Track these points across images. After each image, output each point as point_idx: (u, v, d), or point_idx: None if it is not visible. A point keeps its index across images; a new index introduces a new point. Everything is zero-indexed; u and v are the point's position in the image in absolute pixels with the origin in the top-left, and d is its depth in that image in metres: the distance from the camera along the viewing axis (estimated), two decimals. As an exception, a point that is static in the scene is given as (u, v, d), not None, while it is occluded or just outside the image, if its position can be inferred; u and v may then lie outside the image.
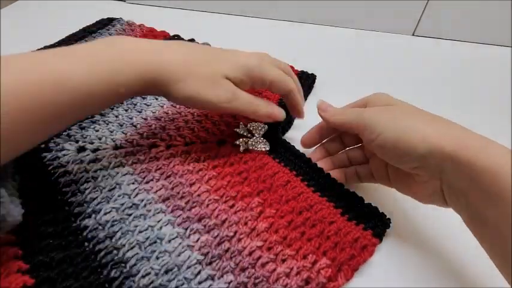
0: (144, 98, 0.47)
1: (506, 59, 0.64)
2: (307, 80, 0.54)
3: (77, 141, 0.39)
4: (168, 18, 0.72)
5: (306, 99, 0.54)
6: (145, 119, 0.44)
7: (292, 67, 0.55)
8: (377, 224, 0.35)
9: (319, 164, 0.40)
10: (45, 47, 0.58)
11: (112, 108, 0.45)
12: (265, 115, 0.38)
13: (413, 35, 0.69)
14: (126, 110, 0.45)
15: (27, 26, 0.69)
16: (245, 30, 0.70)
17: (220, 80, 0.33)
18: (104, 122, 0.43)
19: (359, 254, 0.33)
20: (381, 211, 0.36)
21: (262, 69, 0.36)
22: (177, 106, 0.46)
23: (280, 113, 0.39)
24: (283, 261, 0.32)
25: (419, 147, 0.29)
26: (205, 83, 0.32)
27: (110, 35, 0.61)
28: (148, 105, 0.46)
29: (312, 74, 0.55)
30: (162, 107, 0.46)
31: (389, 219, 0.36)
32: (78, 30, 0.63)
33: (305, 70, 0.56)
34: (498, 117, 0.52)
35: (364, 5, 0.68)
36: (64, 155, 0.37)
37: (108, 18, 0.66)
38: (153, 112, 0.45)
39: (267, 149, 0.42)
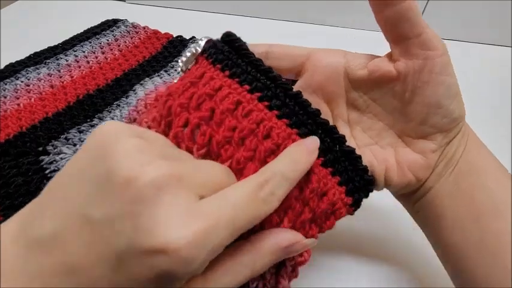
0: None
1: (506, 59, 0.64)
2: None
3: (74, 145, 0.40)
4: (168, 18, 0.72)
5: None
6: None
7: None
8: (354, 178, 0.26)
9: None
10: (49, 48, 0.57)
11: (110, 112, 0.45)
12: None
13: (413, 34, 0.69)
14: (122, 113, 0.45)
15: (27, 26, 0.69)
16: (245, 30, 0.70)
17: None
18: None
19: (325, 222, 0.26)
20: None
21: None
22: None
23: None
24: None
25: (459, 109, 0.26)
26: None
27: (114, 36, 0.61)
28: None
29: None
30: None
31: (372, 177, 0.27)
32: (82, 31, 0.63)
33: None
34: (498, 118, 0.52)
35: (364, 5, 0.67)
36: (62, 158, 0.38)
37: (113, 19, 0.66)
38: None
39: (199, 49, 0.28)
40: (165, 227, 0.17)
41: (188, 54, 0.28)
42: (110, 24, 0.64)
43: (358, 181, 0.26)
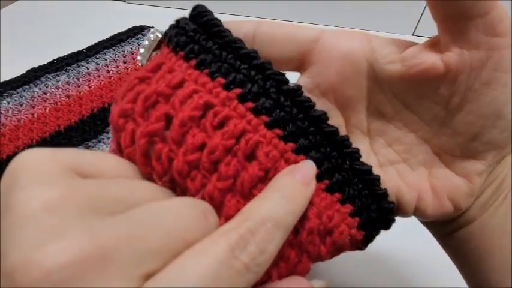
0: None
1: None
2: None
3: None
4: (168, 19, 0.71)
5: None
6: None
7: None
8: (370, 206, 0.20)
9: None
10: (73, 53, 0.55)
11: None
12: None
13: (413, 35, 0.70)
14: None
15: (27, 26, 0.69)
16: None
17: None
18: (109, 139, 0.43)
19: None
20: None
21: None
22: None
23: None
24: None
25: None
26: None
27: (139, 44, 0.58)
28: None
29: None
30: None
31: (393, 204, 0.20)
32: (108, 37, 0.59)
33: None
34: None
35: (364, 5, 0.68)
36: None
37: (140, 26, 0.62)
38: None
39: (159, 35, 0.20)
40: None
41: (147, 42, 0.19)
42: (136, 32, 0.60)
43: (374, 210, 0.20)
